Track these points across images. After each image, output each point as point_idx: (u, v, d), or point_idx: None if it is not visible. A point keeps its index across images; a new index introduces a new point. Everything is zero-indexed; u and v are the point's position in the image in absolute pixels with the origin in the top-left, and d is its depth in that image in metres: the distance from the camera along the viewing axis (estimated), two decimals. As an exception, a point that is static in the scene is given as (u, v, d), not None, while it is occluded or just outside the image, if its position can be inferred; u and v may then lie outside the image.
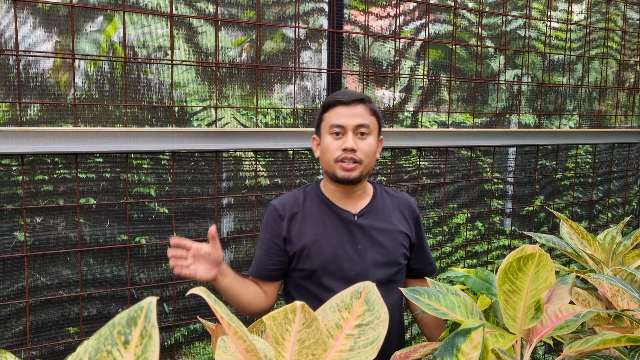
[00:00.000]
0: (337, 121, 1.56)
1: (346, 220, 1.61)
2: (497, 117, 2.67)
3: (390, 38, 2.29)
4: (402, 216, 1.70)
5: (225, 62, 1.96)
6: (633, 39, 3.14)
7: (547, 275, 1.02)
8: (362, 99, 1.60)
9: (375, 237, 1.62)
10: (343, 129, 1.56)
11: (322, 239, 1.58)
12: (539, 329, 1.12)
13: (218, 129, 1.93)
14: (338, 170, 1.56)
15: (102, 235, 1.84)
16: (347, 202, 1.63)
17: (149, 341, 0.53)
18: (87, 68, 1.81)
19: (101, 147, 1.75)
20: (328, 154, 1.58)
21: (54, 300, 1.79)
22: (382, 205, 1.68)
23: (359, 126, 1.57)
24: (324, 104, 1.63)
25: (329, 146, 1.57)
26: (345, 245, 1.59)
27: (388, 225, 1.65)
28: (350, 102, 1.58)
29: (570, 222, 1.57)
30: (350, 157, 1.55)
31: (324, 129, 1.61)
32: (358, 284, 0.86)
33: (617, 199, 3.24)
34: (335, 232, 1.60)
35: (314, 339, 0.74)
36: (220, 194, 2.02)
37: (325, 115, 1.60)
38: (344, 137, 1.56)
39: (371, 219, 1.63)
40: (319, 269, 1.56)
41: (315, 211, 1.62)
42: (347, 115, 1.56)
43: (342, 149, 1.55)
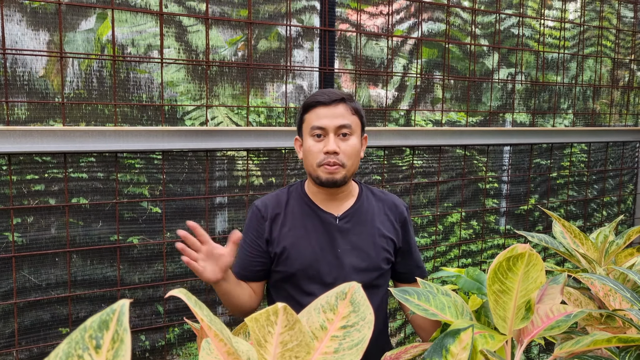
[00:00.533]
0: (318, 123, 1.52)
1: (327, 224, 1.58)
2: (491, 115, 2.66)
3: (383, 36, 2.28)
4: (387, 219, 1.66)
5: (216, 61, 1.95)
6: (627, 38, 3.13)
7: (537, 275, 1.01)
8: (342, 98, 1.55)
9: (356, 241, 1.59)
10: (324, 131, 1.52)
11: (302, 242, 1.55)
12: (530, 330, 1.11)
13: (209, 127, 1.92)
14: (321, 173, 1.52)
15: (94, 236, 1.83)
16: (330, 205, 1.60)
17: (120, 345, 0.52)
18: (80, 67, 1.79)
19: (90, 147, 1.73)
20: (310, 157, 1.54)
21: (43, 301, 1.77)
22: (367, 207, 1.64)
23: (341, 127, 1.52)
24: (303, 104, 1.58)
25: (311, 149, 1.53)
26: (325, 249, 1.56)
27: (370, 229, 1.61)
28: (330, 102, 1.53)
29: (563, 221, 1.56)
30: (333, 161, 1.51)
31: (305, 130, 1.56)
32: (344, 284, 0.84)
33: (612, 198, 3.23)
34: (315, 236, 1.57)
35: (297, 341, 0.73)
36: (214, 193, 2.01)
37: (306, 116, 1.56)
38: (326, 139, 1.52)
39: (353, 222, 1.60)
40: (297, 272, 1.54)
41: (297, 213, 1.59)
42: (327, 116, 1.52)
43: (324, 152, 1.51)
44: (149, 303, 1.93)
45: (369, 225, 1.61)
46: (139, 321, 1.93)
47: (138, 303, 1.93)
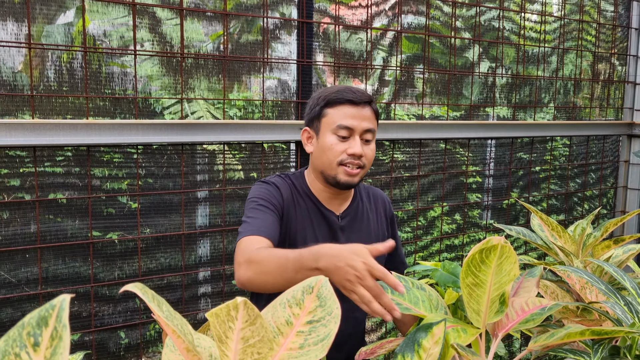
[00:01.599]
0: (346, 122, 1.45)
1: (330, 221, 1.55)
2: (471, 109, 2.64)
3: (362, 28, 2.25)
4: (379, 216, 1.66)
5: (191, 53, 1.91)
6: (607, 31, 3.14)
7: (511, 268, 0.99)
8: (370, 100, 1.49)
9: (356, 240, 1.53)
10: (351, 131, 1.45)
11: (309, 236, 1.51)
12: (505, 323, 1.09)
13: (185, 121, 1.88)
14: (341, 174, 1.47)
15: (71, 232, 1.79)
16: (332, 203, 1.57)
17: (59, 343, 0.49)
18: (60, 60, 1.75)
19: (61, 140, 1.69)
20: (330, 155, 1.46)
21: (13, 299, 1.73)
22: (362, 206, 1.63)
23: (367, 131, 1.47)
24: (327, 97, 1.48)
25: (333, 147, 1.46)
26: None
27: (367, 228, 1.60)
28: (360, 102, 1.46)
29: (541, 214, 1.55)
30: (357, 163, 1.46)
31: (325, 125, 1.48)
32: (310, 278, 0.82)
33: (593, 192, 3.24)
34: (320, 232, 1.54)
35: (259, 337, 0.70)
36: (196, 187, 1.97)
37: (330, 110, 1.47)
38: (351, 140, 1.45)
39: (353, 220, 1.59)
40: None
41: (303, 207, 1.54)
42: (356, 118, 1.45)
43: (348, 153, 1.45)
44: (124, 300, 1.89)
45: (366, 223, 1.60)
46: (116, 318, 1.89)
47: (113, 300, 1.89)
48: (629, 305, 1.06)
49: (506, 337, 2.77)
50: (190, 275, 2.00)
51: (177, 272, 1.96)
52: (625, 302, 1.06)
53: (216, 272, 2.04)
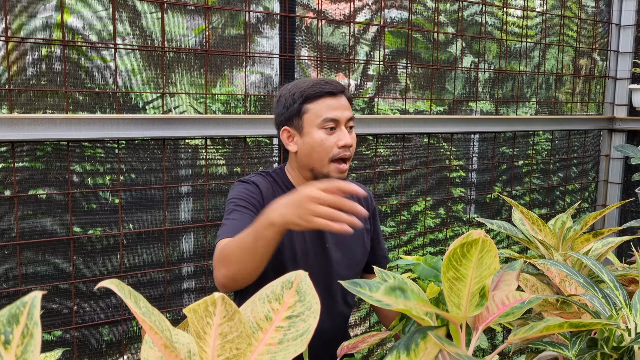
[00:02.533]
0: (331, 114, 1.43)
1: None
2: (454, 103, 2.65)
3: (345, 23, 2.25)
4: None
5: (172, 47, 1.89)
6: (589, 27, 3.17)
7: (492, 261, 1.00)
8: (345, 88, 1.50)
9: (341, 236, 1.55)
10: (337, 123, 1.44)
11: (293, 233, 1.48)
12: (485, 316, 1.10)
13: (166, 115, 1.87)
14: (333, 172, 1.45)
15: (52, 228, 1.76)
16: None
17: (30, 340, 0.48)
18: (40, 54, 1.72)
19: (40, 135, 1.67)
20: (321, 151, 1.44)
21: (-8, 296, 1.71)
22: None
23: (350, 119, 1.47)
24: (305, 93, 1.45)
25: (324, 143, 1.43)
26: (314, 242, 1.52)
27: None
28: (337, 92, 1.46)
29: (522, 208, 1.56)
30: (348, 155, 1.45)
31: (309, 122, 1.45)
32: (290, 273, 0.82)
33: (575, 186, 3.28)
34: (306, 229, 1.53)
35: (237, 333, 0.70)
36: (179, 182, 1.96)
37: (310, 106, 1.45)
38: (338, 131, 1.44)
39: None
40: (288, 262, 1.48)
41: None
42: (338, 108, 1.45)
43: (339, 145, 1.43)
44: (105, 296, 1.88)
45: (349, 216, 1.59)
46: (98, 315, 1.88)
47: (95, 296, 1.87)
48: (607, 298, 1.07)
49: (489, 330, 2.79)
50: (173, 271, 1.99)
51: (160, 267, 1.95)
52: (603, 295, 1.07)
53: (199, 267, 2.03)
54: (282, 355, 0.74)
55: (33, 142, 1.71)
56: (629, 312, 1.04)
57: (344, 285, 1.11)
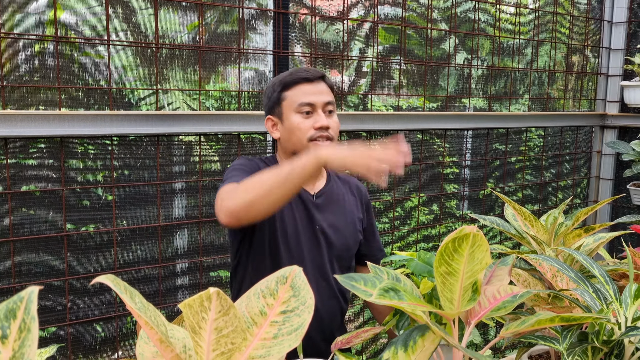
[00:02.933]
0: (307, 99, 1.51)
1: (305, 200, 1.58)
2: (447, 100, 2.66)
3: (339, 19, 2.25)
4: (354, 200, 1.68)
5: (166, 43, 1.89)
6: (581, 24, 3.18)
7: (483, 256, 1.01)
8: (323, 75, 1.56)
9: (332, 219, 1.60)
10: (313, 107, 1.52)
11: (286, 216, 1.55)
12: (477, 311, 1.11)
13: (160, 112, 1.87)
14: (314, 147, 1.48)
15: (44, 224, 1.76)
16: (306, 182, 1.60)
17: (27, 335, 0.49)
18: (33, 50, 1.72)
19: (33, 132, 1.67)
20: (299, 133, 1.52)
21: (-14, 292, 1.70)
22: (337, 188, 1.66)
23: (328, 103, 1.53)
24: (283, 81, 1.55)
25: (300, 126, 1.51)
26: (305, 225, 1.56)
27: (343, 209, 1.63)
28: (314, 78, 1.53)
29: (514, 204, 1.57)
30: (325, 135, 1.51)
31: (287, 107, 1.54)
32: (284, 268, 0.82)
33: (567, 182, 3.30)
34: (297, 211, 1.57)
35: (232, 327, 0.71)
36: (173, 179, 1.96)
37: (288, 93, 1.54)
38: (315, 115, 1.52)
39: (328, 200, 1.62)
40: (281, 245, 1.53)
41: None
42: (314, 93, 1.52)
43: (315, 127, 1.51)
44: (99, 293, 1.88)
45: (341, 204, 1.63)
46: (92, 311, 1.88)
47: (89, 293, 1.87)
48: (598, 292, 1.08)
49: (482, 326, 2.81)
50: (167, 267, 1.99)
51: (154, 264, 1.95)
52: (594, 289, 1.09)
53: (193, 264, 2.04)
54: (277, 350, 0.75)
55: (26, 139, 1.70)
56: (619, 306, 1.06)
57: (338, 279, 1.12)
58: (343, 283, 1.12)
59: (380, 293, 0.96)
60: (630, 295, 1.07)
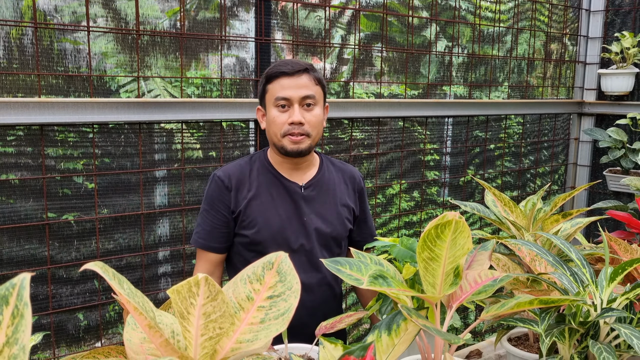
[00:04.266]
0: (282, 93, 1.53)
1: (293, 192, 1.60)
2: (428, 87, 2.68)
3: (321, 7, 2.25)
4: (347, 188, 1.70)
5: (147, 30, 1.87)
6: (560, 12, 3.22)
7: (465, 242, 1.03)
8: (305, 68, 1.56)
9: (320, 209, 1.62)
10: (289, 101, 1.53)
11: (269, 210, 1.57)
12: (459, 295, 1.14)
13: (141, 99, 1.85)
14: (286, 143, 1.54)
15: (24, 213, 1.74)
16: (294, 174, 1.62)
17: (20, 321, 0.49)
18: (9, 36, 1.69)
19: (12, 119, 1.64)
20: (275, 127, 1.54)
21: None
22: (328, 177, 1.67)
23: (305, 97, 1.54)
24: (266, 74, 1.57)
25: (275, 120, 1.54)
26: (292, 217, 1.58)
27: (333, 198, 1.65)
28: (293, 72, 1.53)
29: (494, 190, 1.60)
30: (298, 132, 1.53)
31: (268, 101, 1.56)
32: (271, 254, 0.83)
33: (545, 168, 3.35)
34: (282, 204, 1.59)
35: (220, 312, 0.72)
36: (154, 167, 1.95)
37: (269, 86, 1.56)
38: (290, 109, 1.53)
39: (317, 191, 1.63)
40: (265, 241, 1.55)
41: (262, 182, 1.59)
42: (291, 87, 1.53)
43: (289, 122, 1.52)
44: (82, 281, 1.87)
45: (332, 194, 1.64)
46: (74, 300, 1.87)
47: (71, 281, 1.87)
48: (574, 276, 1.11)
49: (462, 310, 2.86)
50: (150, 255, 1.99)
51: (137, 252, 1.95)
52: (571, 273, 1.12)
53: (176, 251, 2.04)
54: (264, 334, 0.76)
55: (5, 127, 1.68)
56: (595, 289, 1.09)
57: (325, 263, 1.14)
58: (329, 267, 1.14)
59: (370, 280, 0.98)
60: (605, 278, 1.10)
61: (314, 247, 1.58)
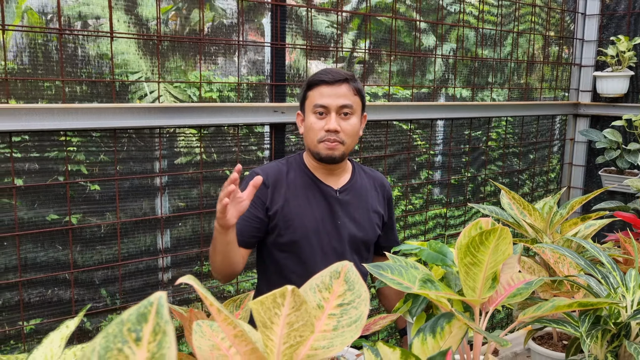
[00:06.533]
0: (321, 101, 1.57)
1: (328, 196, 1.64)
2: (435, 90, 2.73)
3: (333, 11, 2.28)
4: (377, 195, 1.75)
5: (167, 35, 1.89)
6: (557, 16, 3.29)
7: (506, 248, 1.08)
8: (345, 78, 1.60)
9: (354, 214, 1.67)
10: (326, 109, 1.57)
11: (305, 211, 1.61)
12: (495, 298, 1.18)
13: (161, 104, 1.87)
14: (321, 149, 1.59)
15: (34, 217, 1.74)
16: (329, 178, 1.66)
17: (163, 337, 0.52)
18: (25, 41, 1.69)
19: (37, 125, 1.65)
20: (312, 133, 1.59)
21: None
22: (360, 183, 1.72)
23: (342, 107, 1.58)
24: (308, 81, 1.62)
25: (313, 126, 1.59)
26: (326, 219, 1.63)
27: (365, 204, 1.70)
28: (334, 81, 1.58)
29: (513, 194, 1.65)
30: (333, 139, 1.57)
31: (307, 107, 1.61)
32: (336, 264, 0.87)
33: (542, 169, 3.43)
34: (318, 206, 1.63)
35: (303, 322, 0.75)
36: (158, 171, 1.96)
37: (309, 93, 1.61)
38: (328, 117, 1.58)
39: (351, 196, 1.67)
40: (300, 240, 1.59)
41: (299, 184, 1.63)
42: (330, 96, 1.57)
43: (325, 129, 1.57)
44: (103, 285, 1.89)
45: (364, 199, 1.69)
46: (96, 303, 1.88)
47: (93, 285, 1.88)
48: (605, 278, 1.16)
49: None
50: (167, 258, 2.01)
51: (156, 255, 1.97)
52: (602, 275, 1.17)
53: (193, 254, 2.06)
54: (339, 341, 0.80)
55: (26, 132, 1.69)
56: (625, 291, 1.15)
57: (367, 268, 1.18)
58: (372, 272, 1.17)
59: (420, 284, 1.02)
60: (632, 280, 1.16)
61: (345, 250, 1.62)
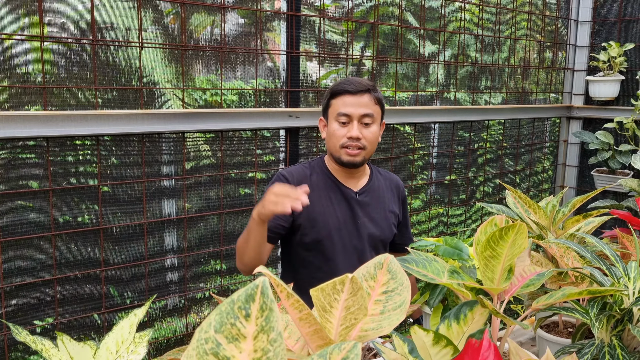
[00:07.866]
0: (344, 110, 1.67)
1: (349, 197, 1.74)
2: (437, 94, 2.86)
3: (343, 20, 2.39)
4: (392, 196, 1.86)
5: (191, 45, 1.99)
6: (551, 22, 3.43)
7: (522, 242, 1.19)
8: (368, 88, 1.70)
9: (372, 214, 1.78)
10: (349, 118, 1.67)
11: (328, 211, 1.71)
12: (509, 288, 1.30)
13: (186, 110, 1.97)
14: (343, 155, 1.69)
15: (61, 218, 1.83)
16: (349, 181, 1.77)
17: (270, 313, 0.62)
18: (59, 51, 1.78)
19: (72, 131, 1.75)
20: (334, 139, 1.69)
21: (29, 284, 1.79)
22: (378, 185, 1.83)
23: (364, 116, 1.68)
24: (331, 90, 1.71)
25: (335, 133, 1.69)
26: (347, 219, 1.73)
27: (383, 205, 1.81)
28: (356, 91, 1.68)
29: (519, 193, 1.77)
30: (355, 145, 1.67)
31: (330, 114, 1.71)
32: (378, 256, 0.98)
33: (536, 169, 3.57)
34: (340, 207, 1.74)
35: (358, 306, 0.86)
36: (164, 174, 2.04)
37: (333, 101, 1.70)
38: (350, 125, 1.67)
39: (369, 197, 1.78)
40: (324, 239, 1.69)
41: (322, 186, 1.74)
42: (353, 105, 1.67)
43: (347, 137, 1.67)
44: (131, 281, 1.98)
45: (381, 200, 1.80)
46: (125, 299, 1.98)
47: (121, 281, 1.98)
48: (610, 269, 1.29)
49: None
50: (190, 257, 2.11)
51: (181, 254, 2.07)
52: (607, 267, 1.29)
53: (215, 252, 2.16)
54: (387, 323, 0.91)
55: (64, 138, 1.78)
56: (627, 281, 1.27)
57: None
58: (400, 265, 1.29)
59: (449, 275, 1.13)
60: (633, 271, 1.28)
61: (364, 248, 1.74)
